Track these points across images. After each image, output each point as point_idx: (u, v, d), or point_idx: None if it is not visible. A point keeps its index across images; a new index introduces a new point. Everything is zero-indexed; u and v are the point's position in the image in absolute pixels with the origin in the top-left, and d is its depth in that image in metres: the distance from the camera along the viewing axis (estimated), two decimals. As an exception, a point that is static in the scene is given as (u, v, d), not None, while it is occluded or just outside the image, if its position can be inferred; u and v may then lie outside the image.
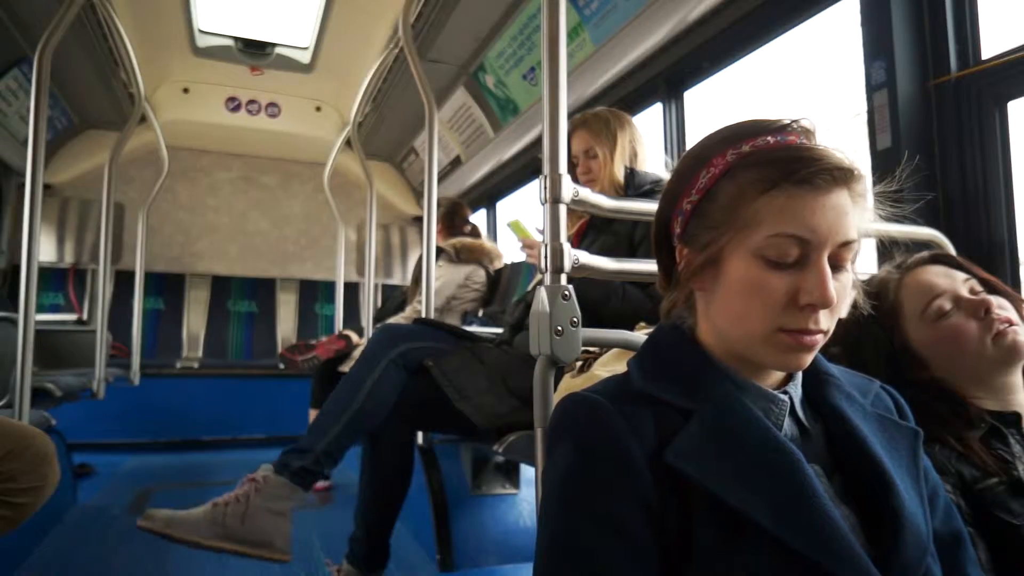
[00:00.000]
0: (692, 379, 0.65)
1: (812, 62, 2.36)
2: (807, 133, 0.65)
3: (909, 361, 0.95)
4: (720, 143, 0.66)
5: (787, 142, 0.64)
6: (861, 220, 0.64)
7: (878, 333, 0.98)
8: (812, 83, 2.51)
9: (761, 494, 0.58)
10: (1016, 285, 1.54)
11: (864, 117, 1.76)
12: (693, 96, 2.69)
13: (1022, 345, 0.89)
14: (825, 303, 0.60)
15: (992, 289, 0.95)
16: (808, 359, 0.63)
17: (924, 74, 1.67)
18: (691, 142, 2.81)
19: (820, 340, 0.62)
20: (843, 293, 0.63)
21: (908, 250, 1.05)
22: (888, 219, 0.69)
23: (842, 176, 0.61)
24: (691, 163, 0.68)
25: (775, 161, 0.62)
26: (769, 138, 0.64)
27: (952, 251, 1.30)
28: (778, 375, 0.68)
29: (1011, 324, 0.90)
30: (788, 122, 0.65)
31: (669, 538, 0.58)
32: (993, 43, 1.59)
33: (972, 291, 0.94)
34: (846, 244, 0.61)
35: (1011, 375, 0.92)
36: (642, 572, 0.57)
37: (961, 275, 0.95)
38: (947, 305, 0.93)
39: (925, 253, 1.01)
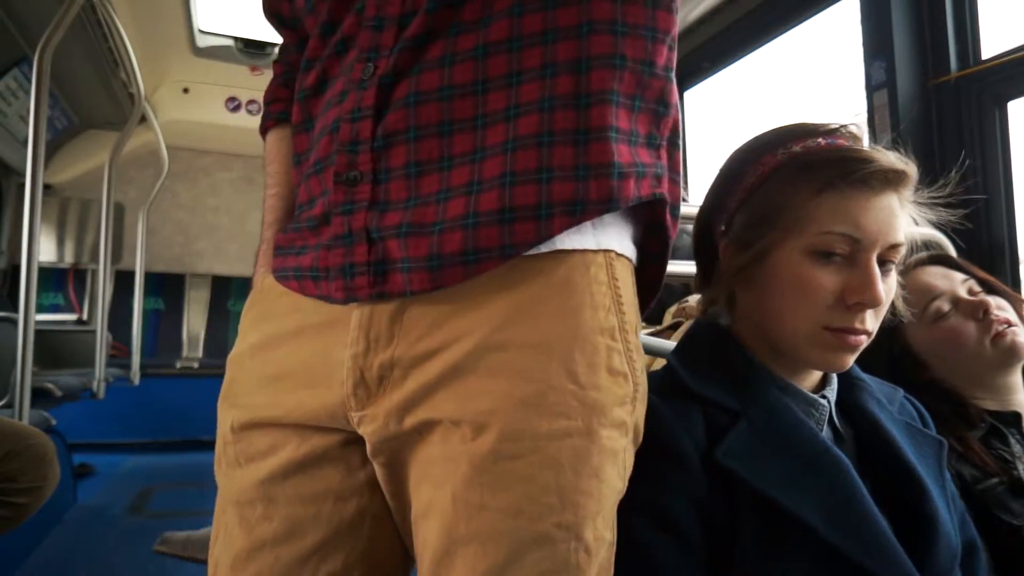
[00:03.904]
0: (739, 380, 0.66)
1: (812, 62, 2.36)
2: (855, 138, 0.66)
3: (908, 362, 0.95)
4: (770, 143, 0.67)
5: (837, 145, 0.65)
6: (908, 223, 0.65)
7: (877, 334, 0.97)
8: (812, 83, 2.51)
9: (812, 497, 0.58)
10: (1016, 285, 1.54)
11: (864, 117, 1.76)
12: (693, 96, 2.69)
13: (1021, 346, 0.89)
14: (874, 302, 0.60)
15: (991, 289, 0.95)
16: (851, 360, 0.64)
17: (924, 74, 1.67)
18: (691, 142, 2.82)
19: (864, 341, 0.63)
20: (888, 295, 0.63)
21: (907, 251, 1.05)
22: (935, 224, 0.70)
23: (895, 178, 0.62)
24: (738, 162, 0.69)
25: (831, 161, 0.63)
26: (820, 140, 0.65)
27: (952, 251, 1.30)
28: (814, 378, 0.69)
29: (1010, 325, 0.90)
30: (837, 126, 0.66)
31: (716, 535, 0.59)
32: (993, 43, 1.59)
33: (971, 292, 0.94)
34: (895, 246, 0.62)
35: (1010, 375, 0.92)
36: (690, 567, 0.58)
37: (960, 276, 0.95)
38: (946, 306, 0.93)
39: (923, 254, 1.01)
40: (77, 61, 3.12)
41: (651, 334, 1.06)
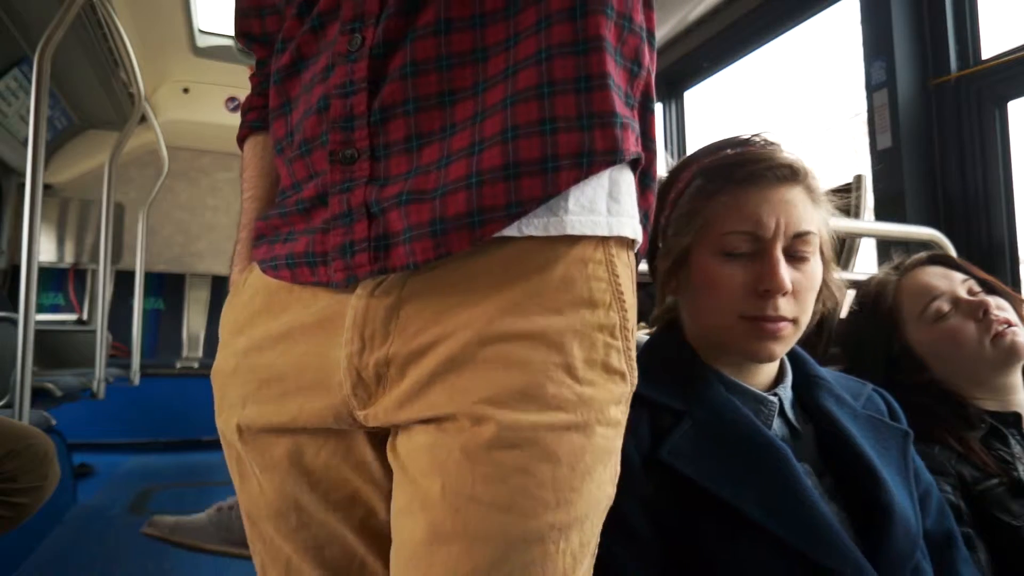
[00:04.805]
0: (685, 381, 0.69)
1: (812, 62, 2.36)
2: (769, 144, 0.71)
3: (908, 362, 0.95)
4: (689, 160, 0.74)
5: (741, 151, 0.70)
6: (818, 214, 0.69)
7: (877, 335, 0.98)
8: (812, 83, 2.51)
9: (751, 488, 0.61)
10: (1016, 285, 1.54)
11: (864, 117, 1.77)
12: (693, 96, 2.69)
13: (1021, 346, 0.89)
14: (778, 288, 0.64)
15: (991, 289, 0.95)
16: (777, 348, 0.67)
17: (924, 74, 1.67)
18: (691, 142, 2.83)
19: (785, 328, 0.66)
20: (806, 282, 0.67)
21: (907, 251, 1.05)
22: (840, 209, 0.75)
23: (785, 172, 0.66)
24: (665, 183, 0.75)
25: (720, 167, 0.69)
26: (728, 150, 0.71)
27: (952, 251, 1.30)
28: (765, 377, 0.72)
29: (1010, 325, 0.90)
30: (750, 136, 0.72)
31: (670, 532, 0.61)
32: (993, 43, 1.59)
33: (971, 292, 0.94)
34: (801, 235, 0.66)
35: (1010, 375, 0.92)
36: (645, 566, 0.60)
37: (959, 276, 0.95)
38: (945, 306, 0.93)
39: (923, 254, 1.01)
40: (77, 61, 3.12)
41: (649, 334, 1.06)
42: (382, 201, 0.50)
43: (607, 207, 0.52)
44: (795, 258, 0.66)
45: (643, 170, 0.58)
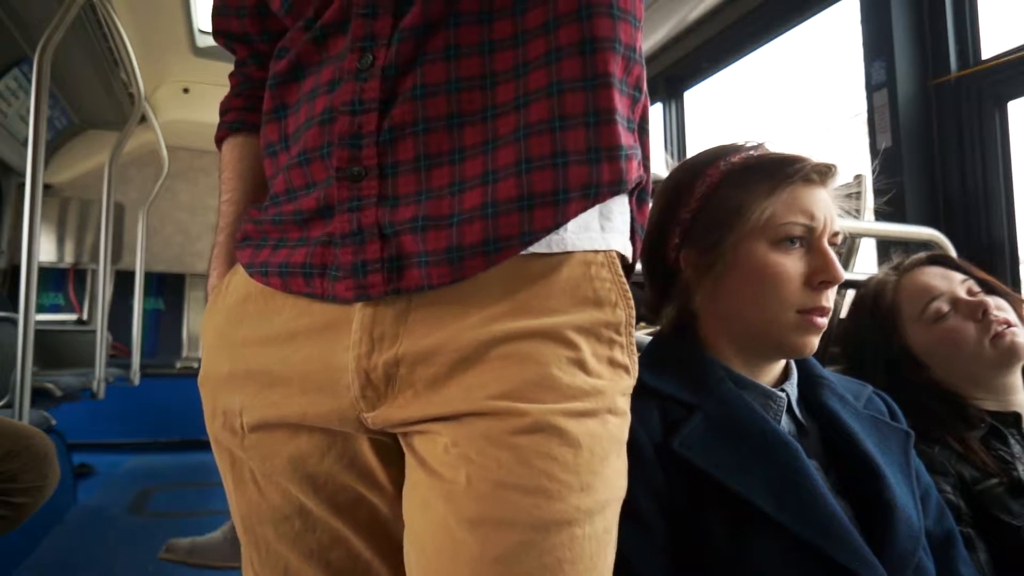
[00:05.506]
0: (696, 376, 0.69)
1: (812, 62, 2.36)
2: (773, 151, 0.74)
3: (908, 362, 0.95)
4: (709, 158, 0.74)
5: (768, 152, 0.72)
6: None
7: (877, 335, 0.98)
8: (812, 83, 2.51)
9: (762, 481, 0.61)
10: (1015, 285, 1.54)
11: (864, 117, 1.77)
12: (693, 96, 2.69)
13: (1020, 346, 0.89)
14: (837, 278, 0.66)
15: (990, 290, 0.95)
16: (817, 341, 0.69)
17: (924, 74, 1.67)
18: (691, 142, 2.82)
19: (826, 321, 0.68)
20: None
21: (907, 251, 1.05)
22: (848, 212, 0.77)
23: (828, 172, 0.70)
24: (683, 177, 0.74)
25: (776, 162, 0.69)
26: (751, 152, 0.72)
27: (952, 251, 1.30)
28: (775, 374, 0.73)
29: (1009, 325, 0.90)
30: (759, 143, 0.74)
31: (680, 523, 0.61)
32: (993, 43, 1.59)
33: (970, 292, 0.94)
34: (836, 233, 0.69)
35: (1010, 376, 0.92)
36: (653, 552, 0.61)
37: (959, 276, 0.95)
38: (945, 307, 0.93)
39: (923, 254, 1.01)
40: (77, 61, 3.12)
41: (651, 334, 1.06)
42: (396, 224, 0.51)
43: (600, 225, 0.55)
44: None
45: (642, 188, 0.60)
